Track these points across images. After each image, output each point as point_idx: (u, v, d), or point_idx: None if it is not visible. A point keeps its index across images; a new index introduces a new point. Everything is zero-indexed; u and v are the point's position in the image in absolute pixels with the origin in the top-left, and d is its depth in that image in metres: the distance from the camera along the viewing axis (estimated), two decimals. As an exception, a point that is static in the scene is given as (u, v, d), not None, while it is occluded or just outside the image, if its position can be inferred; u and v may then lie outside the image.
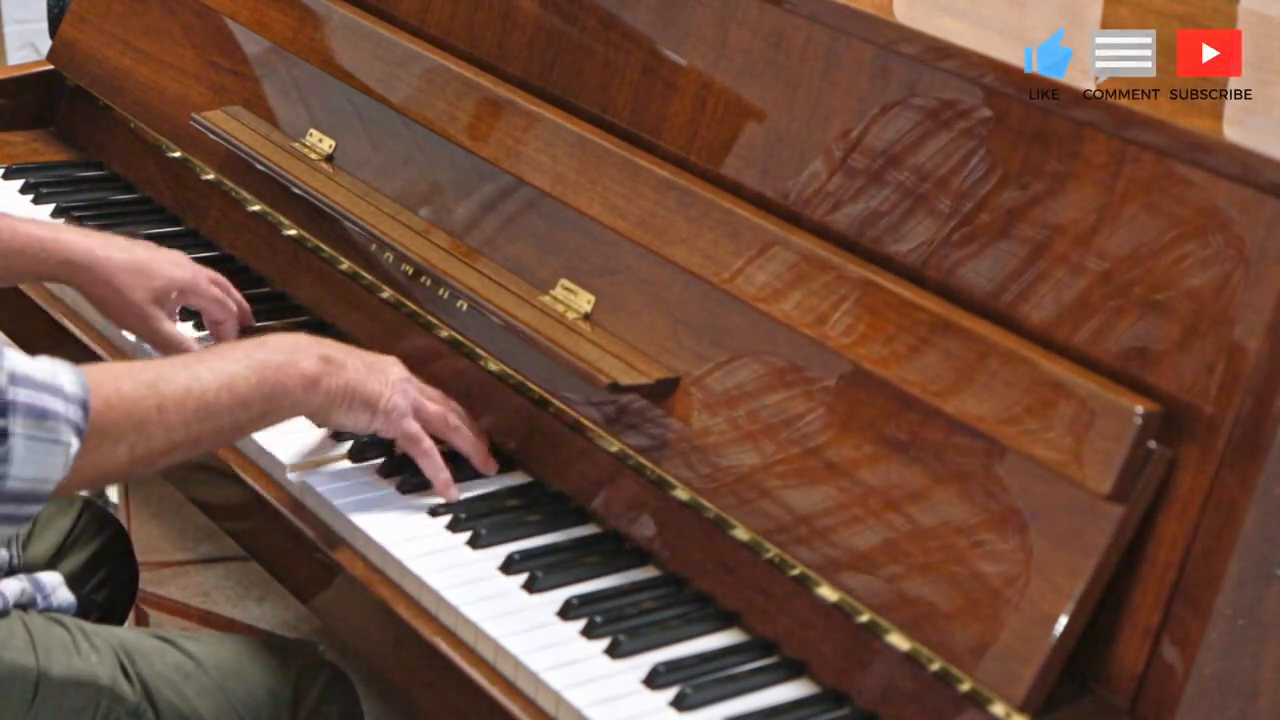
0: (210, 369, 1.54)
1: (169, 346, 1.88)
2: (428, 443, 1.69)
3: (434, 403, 1.73)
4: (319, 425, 1.72)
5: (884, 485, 1.49)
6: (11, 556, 1.73)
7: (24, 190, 2.31)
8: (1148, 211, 1.44)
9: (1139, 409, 1.38)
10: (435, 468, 1.69)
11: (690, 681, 1.47)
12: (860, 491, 1.50)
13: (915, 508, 1.46)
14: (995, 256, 1.54)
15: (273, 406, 1.59)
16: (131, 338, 1.95)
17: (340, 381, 1.64)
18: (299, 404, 1.62)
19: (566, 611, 1.54)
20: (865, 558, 1.48)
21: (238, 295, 1.96)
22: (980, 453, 1.44)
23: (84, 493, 2.14)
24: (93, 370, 1.45)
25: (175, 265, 1.90)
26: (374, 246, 1.96)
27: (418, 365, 1.90)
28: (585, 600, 1.56)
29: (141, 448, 1.47)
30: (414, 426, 1.69)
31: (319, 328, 2.02)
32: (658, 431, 1.65)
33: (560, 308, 1.76)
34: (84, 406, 1.41)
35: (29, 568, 1.79)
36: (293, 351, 1.61)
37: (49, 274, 1.89)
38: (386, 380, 1.68)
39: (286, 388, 1.59)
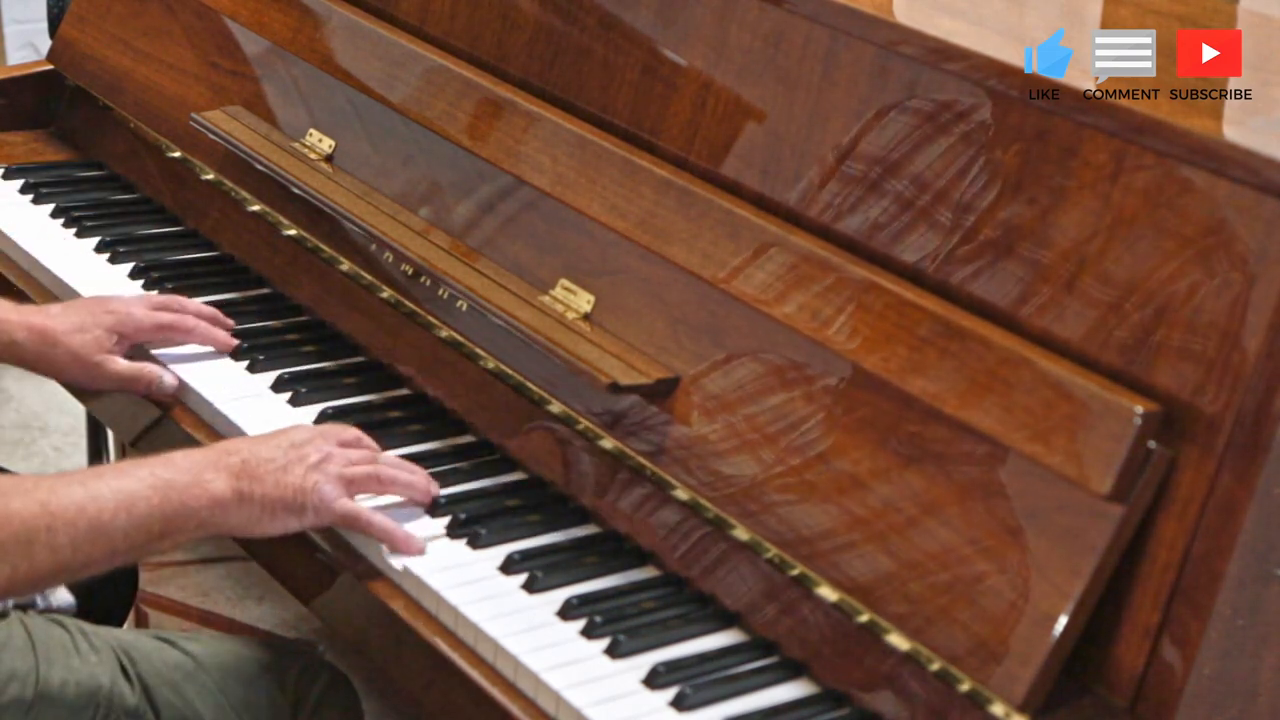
0: (110, 487, 1.48)
1: (127, 382, 1.86)
2: (366, 515, 1.60)
3: (358, 463, 1.63)
4: (245, 537, 1.62)
5: (882, 486, 1.49)
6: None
7: (24, 190, 2.31)
8: (1147, 212, 1.44)
9: (1139, 409, 1.38)
10: (387, 533, 1.60)
11: (690, 681, 1.47)
12: (859, 492, 1.50)
13: (914, 508, 1.46)
14: (994, 257, 1.53)
15: (173, 527, 1.52)
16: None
17: (257, 496, 1.55)
18: (206, 523, 1.54)
19: (566, 611, 1.54)
20: (864, 558, 1.48)
21: (195, 305, 1.95)
22: (980, 453, 1.44)
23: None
24: None
25: (107, 313, 1.88)
26: (374, 246, 1.96)
27: (418, 365, 1.90)
28: (585, 600, 1.55)
29: (24, 568, 1.43)
30: (348, 508, 1.59)
31: (319, 327, 2.03)
32: (656, 432, 1.65)
33: (560, 308, 1.76)
34: None
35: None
36: (201, 471, 1.54)
37: None
38: (305, 469, 1.58)
39: (190, 509, 1.52)
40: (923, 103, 1.61)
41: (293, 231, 2.09)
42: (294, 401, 1.85)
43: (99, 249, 2.17)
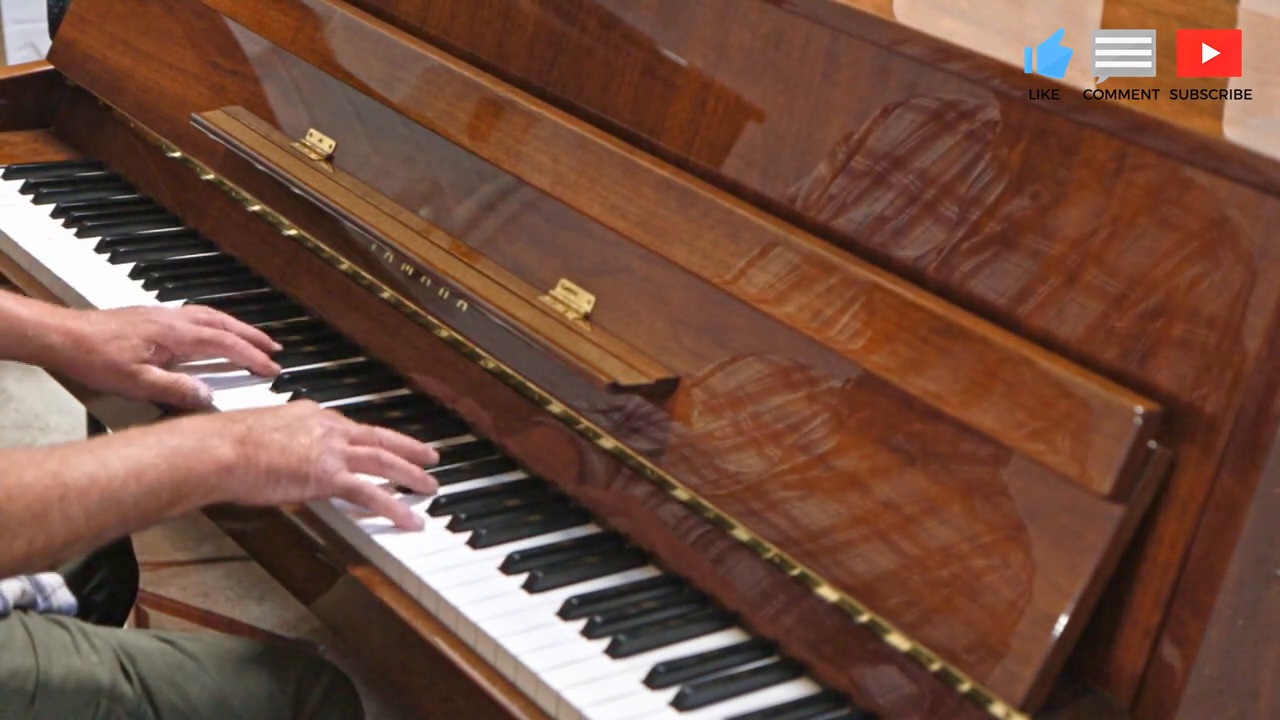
0: (119, 455, 1.49)
1: (161, 392, 1.84)
2: (369, 488, 1.63)
3: (361, 443, 1.66)
4: (248, 504, 1.63)
5: (883, 485, 1.49)
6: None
7: (24, 190, 2.31)
8: (1148, 212, 1.44)
9: (1139, 409, 1.38)
10: (388, 509, 1.63)
11: (690, 681, 1.47)
12: (859, 492, 1.50)
13: (915, 508, 1.46)
14: (995, 257, 1.54)
15: (182, 494, 1.53)
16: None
17: (263, 463, 1.57)
18: (214, 490, 1.55)
19: (566, 611, 1.54)
20: (864, 557, 1.48)
21: (239, 325, 1.92)
22: (980, 453, 1.44)
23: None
24: None
25: (148, 322, 1.86)
26: (374, 246, 1.96)
27: (417, 365, 1.90)
28: (585, 600, 1.56)
29: (41, 540, 1.44)
30: (350, 480, 1.62)
31: (319, 328, 2.03)
32: (657, 432, 1.65)
33: (560, 308, 1.76)
34: None
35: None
36: (206, 437, 1.55)
37: (29, 357, 1.85)
38: (310, 440, 1.61)
39: (198, 474, 1.53)
40: (923, 103, 1.61)
41: (293, 231, 2.09)
42: (294, 401, 1.85)
43: (99, 249, 2.17)
